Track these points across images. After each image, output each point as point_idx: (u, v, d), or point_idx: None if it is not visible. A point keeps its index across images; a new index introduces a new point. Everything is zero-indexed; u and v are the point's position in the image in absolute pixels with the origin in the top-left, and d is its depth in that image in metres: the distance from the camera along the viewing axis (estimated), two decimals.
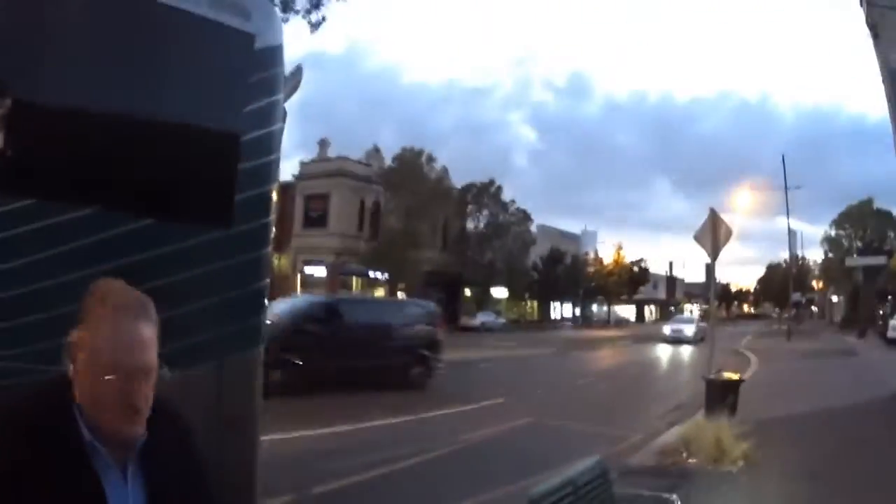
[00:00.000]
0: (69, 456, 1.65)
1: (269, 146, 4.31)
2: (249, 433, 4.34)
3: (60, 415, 1.68)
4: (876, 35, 16.07)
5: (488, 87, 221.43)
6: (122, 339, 1.68)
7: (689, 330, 48.26)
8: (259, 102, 4.23)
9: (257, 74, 4.24)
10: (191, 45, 4.17)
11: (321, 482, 8.54)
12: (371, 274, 56.88)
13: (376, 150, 60.96)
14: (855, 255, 63.06)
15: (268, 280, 4.38)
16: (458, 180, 63.60)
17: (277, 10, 4.25)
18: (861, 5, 16.47)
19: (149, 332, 1.73)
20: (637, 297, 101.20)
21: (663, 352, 40.29)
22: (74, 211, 3.71)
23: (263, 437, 4.76)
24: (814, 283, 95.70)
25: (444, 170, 60.12)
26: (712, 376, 12.45)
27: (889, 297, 53.95)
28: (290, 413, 11.50)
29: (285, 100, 4.65)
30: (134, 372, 1.67)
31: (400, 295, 57.18)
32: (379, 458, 9.79)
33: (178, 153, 4.10)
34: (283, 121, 4.56)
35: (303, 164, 60.31)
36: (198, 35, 4.16)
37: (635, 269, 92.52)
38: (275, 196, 4.45)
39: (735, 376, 12.81)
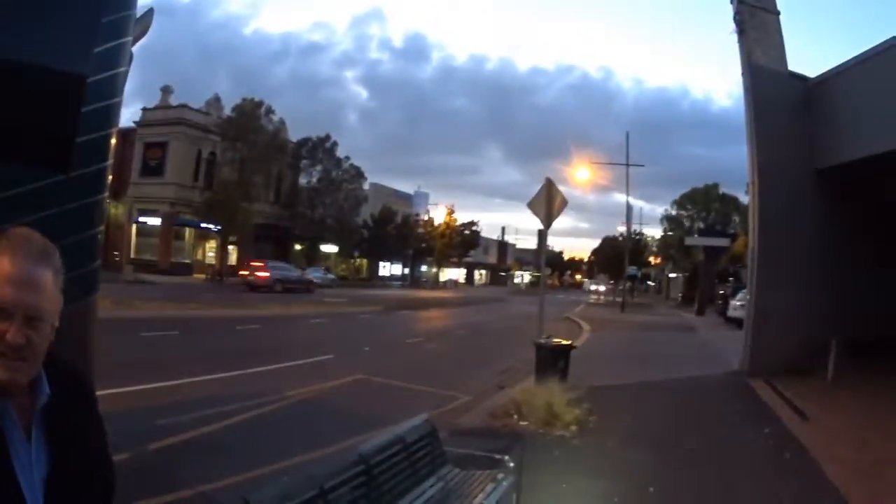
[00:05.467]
0: None
1: (113, 89, 4.15)
2: None
3: None
4: (741, 31, 17.54)
5: (326, 43, 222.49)
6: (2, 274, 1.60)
7: None
8: (108, 44, 4.07)
9: (109, 15, 4.08)
10: None
11: (156, 438, 8.39)
12: (203, 225, 56.19)
13: (216, 100, 60.02)
14: (696, 235, 65.36)
15: (102, 227, 4.24)
16: (293, 135, 63.84)
17: None
18: (731, 2, 17.51)
19: (38, 274, 1.64)
20: (467, 259, 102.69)
21: (491, 314, 40.17)
22: None
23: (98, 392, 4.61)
24: (651, 258, 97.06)
25: (282, 123, 59.89)
26: (542, 341, 12.21)
27: (731, 277, 55.85)
28: (115, 366, 10.96)
29: (133, 43, 4.49)
30: (5, 309, 1.58)
31: (230, 248, 56.08)
32: (210, 413, 9.73)
33: (16, 92, 3.89)
34: (129, 64, 4.40)
35: (145, 110, 58.23)
36: None
37: (466, 232, 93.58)
38: (113, 141, 4.30)
39: (566, 342, 12.50)
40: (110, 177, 4.28)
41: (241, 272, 49.74)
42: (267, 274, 45.98)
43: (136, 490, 6.33)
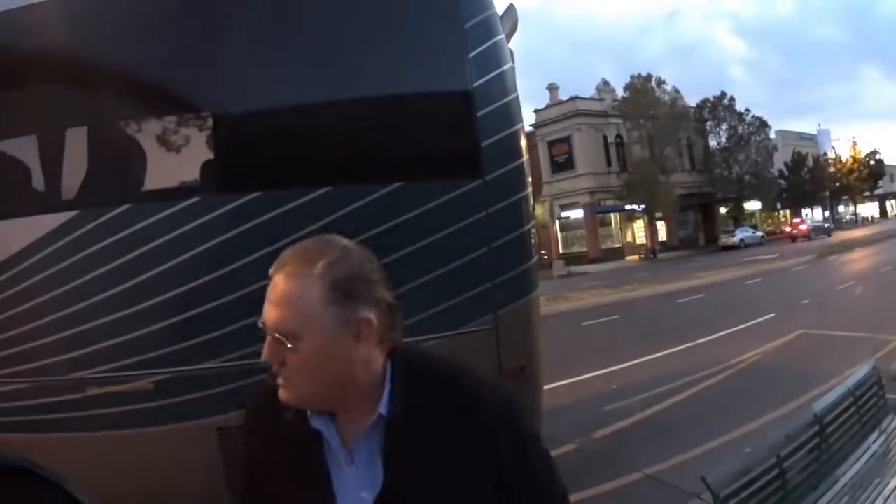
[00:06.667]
0: (296, 441, 1.56)
1: (503, 88, 4.19)
2: (532, 383, 4.29)
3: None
4: None
5: (684, 5, 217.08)
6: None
7: None
8: (481, 46, 4.13)
9: (471, 20, 4.14)
10: (397, 6, 4.17)
11: (602, 425, 8.47)
12: (627, 207, 56.98)
13: (605, 84, 60.27)
14: None
15: (531, 224, 4.27)
16: (688, 100, 61.38)
17: None
18: None
19: (281, 288, 1.45)
20: (878, 192, 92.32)
21: None
22: (323, 189, 3.81)
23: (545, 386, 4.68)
24: None
25: (676, 91, 58.36)
26: None
27: None
28: (560, 359, 11.21)
29: (507, 40, 4.52)
30: (265, 327, 1.47)
31: (657, 224, 56.32)
32: (653, 393, 9.67)
33: (410, 113, 4.10)
34: (512, 61, 4.42)
35: (537, 111, 60.17)
36: None
37: (871, 162, 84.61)
38: (523, 139, 4.33)
39: None
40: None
41: (784, 228, 66.47)
42: (806, 227, 62.33)
43: (585, 477, 6.51)
